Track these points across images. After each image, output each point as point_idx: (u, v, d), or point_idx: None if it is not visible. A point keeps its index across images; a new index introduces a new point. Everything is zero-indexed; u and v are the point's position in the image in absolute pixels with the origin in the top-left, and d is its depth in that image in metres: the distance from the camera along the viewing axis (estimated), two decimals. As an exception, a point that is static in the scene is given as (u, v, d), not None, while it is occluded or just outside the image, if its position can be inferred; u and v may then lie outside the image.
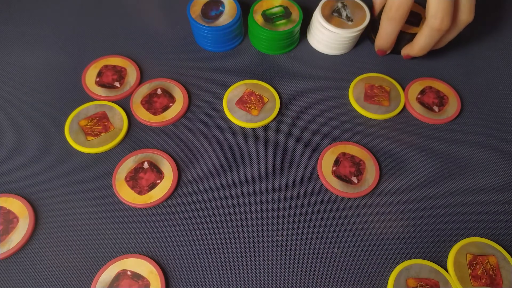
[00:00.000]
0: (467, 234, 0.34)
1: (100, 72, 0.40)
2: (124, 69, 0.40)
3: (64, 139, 0.37)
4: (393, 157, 0.38)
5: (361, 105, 0.40)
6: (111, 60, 0.41)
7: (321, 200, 0.35)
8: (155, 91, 0.39)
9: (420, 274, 0.32)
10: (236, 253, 0.33)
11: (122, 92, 0.39)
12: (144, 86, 0.39)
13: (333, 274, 0.32)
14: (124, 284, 0.30)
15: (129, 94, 0.39)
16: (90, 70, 0.40)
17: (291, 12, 0.42)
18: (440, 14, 0.35)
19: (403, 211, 0.35)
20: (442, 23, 0.35)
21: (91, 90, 0.39)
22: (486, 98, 0.42)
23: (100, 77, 0.40)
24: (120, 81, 0.39)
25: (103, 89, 0.39)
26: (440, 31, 0.36)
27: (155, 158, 0.36)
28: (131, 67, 0.41)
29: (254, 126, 0.38)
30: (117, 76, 0.40)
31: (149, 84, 0.40)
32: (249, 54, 0.43)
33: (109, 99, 0.39)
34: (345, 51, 0.44)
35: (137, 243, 0.33)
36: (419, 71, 0.43)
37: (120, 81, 0.40)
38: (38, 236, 0.32)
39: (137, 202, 0.34)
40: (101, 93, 0.39)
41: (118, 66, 0.40)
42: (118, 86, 0.39)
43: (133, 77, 0.40)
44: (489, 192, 0.36)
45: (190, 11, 0.41)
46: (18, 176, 0.35)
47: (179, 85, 0.40)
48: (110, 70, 0.40)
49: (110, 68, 0.40)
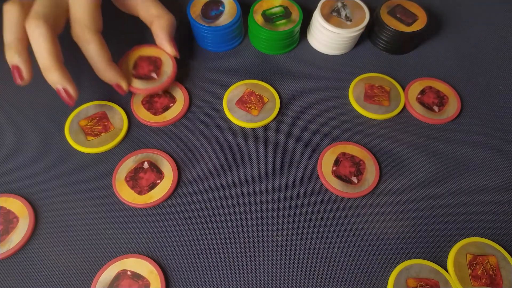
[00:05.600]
0: (467, 234, 0.34)
1: (136, 64, 0.38)
2: (159, 59, 0.39)
3: (64, 139, 0.37)
4: (393, 157, 0.38)
5: (361, 105, 0.40)
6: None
7: (321, 200, 0.35)
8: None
9: (420, 274, 0.32)
10: (236, 253, 0.33)
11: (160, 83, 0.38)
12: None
13: (333, 274, 0.32)
14: (124, 284, 0.30)
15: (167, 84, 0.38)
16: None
17: (291, 12, 0.42)
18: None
19: (403, 211, 0.35)
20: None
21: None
22: (486, 98, 0.42)
23: (136, 69, 0.38)
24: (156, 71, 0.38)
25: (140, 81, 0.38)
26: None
27: (155, 158, 0.36)
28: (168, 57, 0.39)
29: (254, 126, 0.38)
30: (153, 67, 0.38)
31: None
32: (249, 54, 0.43)
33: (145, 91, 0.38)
34: (345, 51, 0.44)
35: (137, 243, 0.33)
36: (419, 71, 0.43)
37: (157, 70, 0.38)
38: (38, 236, 0.32)
39: (137, 202, 0.34)
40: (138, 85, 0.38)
41: (152, 57, 0.39)
42: (156, 77, 0.38)
43: (169, 67, 0.39)
44: (489, 192, 0.36)
45: (190, 11, 0.41)
46: (18, 176, 0.35)
47: (179, 85, 0.40)
48: (144, 60, 0.38)
49: (145, 59, 0.39)
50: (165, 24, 0.38)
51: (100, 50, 0.34)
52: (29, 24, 0.31)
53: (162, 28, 0.37)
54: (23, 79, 0.33)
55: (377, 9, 0.43)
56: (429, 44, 0.45)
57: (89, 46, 0.33)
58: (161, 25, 0.37)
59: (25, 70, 0.32)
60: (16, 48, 0.32)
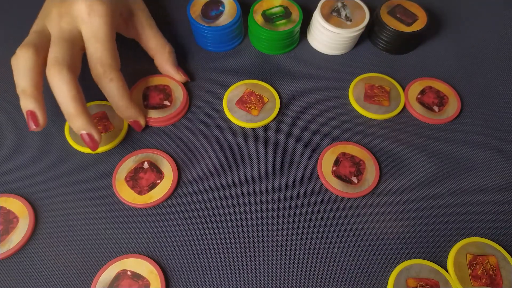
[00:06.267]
0: (467, 234, 0.34)
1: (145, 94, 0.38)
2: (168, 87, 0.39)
3: (64, 139, 0.37)
4: (393, 157, 0.38)
5: (361, 105, 0.40)
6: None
7: (321, 200, 0.35)
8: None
9: (420, 274, 0.32)
10: (236, 253, 0.33)
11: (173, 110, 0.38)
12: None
13: (333, 274, 0.32)
14: (124, 284, 0.30)
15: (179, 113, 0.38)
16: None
17: (291, 12, 0.42)
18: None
19: (403, 211, 0.35)
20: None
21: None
22: (486, 98, 0.42)
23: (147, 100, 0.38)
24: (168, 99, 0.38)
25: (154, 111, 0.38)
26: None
27: (155, 158, 0.36)
28: (175, 84, 0.39)
29: (254, 126, 0.38)
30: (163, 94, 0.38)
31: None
32: (249, 54, 0.43)
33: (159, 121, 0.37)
34: (345, 51, 0.44)
35: (137, 243, 0.33)
36: (419, 71, 0.43)
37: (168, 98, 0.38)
38: (38, 236, 0.32)
39: (137, 202, 0.34)
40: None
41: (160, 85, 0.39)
42: (168, 104, 0.38)
43: (179, 93, 0.39)
44: (489, 192, 0.36)
45: (190, 11, 0.41)
46: (18, 176, 0.35)
47: (180, 84, 0.40)
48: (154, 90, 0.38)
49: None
50: (167, 57, 0.38)
51: (122, 88, 0.34)
52: (52, 73, 0.30)
53: (166, 60, 0.38)
54: (39, 125, 0.31)
55: (377, 9, 0.43)
56: (429, 44, 0.45)
57: (112, 84, 0.33)
58: (164, 58, 0.38)
59: (41, 116, 0.31)
60: (32, 94, 0.31)
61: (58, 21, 0.33)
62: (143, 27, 0.38)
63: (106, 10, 0.32)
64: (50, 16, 0.33)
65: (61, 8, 0.33)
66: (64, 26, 0.32)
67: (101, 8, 0.32)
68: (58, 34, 0.32)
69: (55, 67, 0.30)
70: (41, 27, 0.33)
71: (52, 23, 0.33)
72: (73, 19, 0.32)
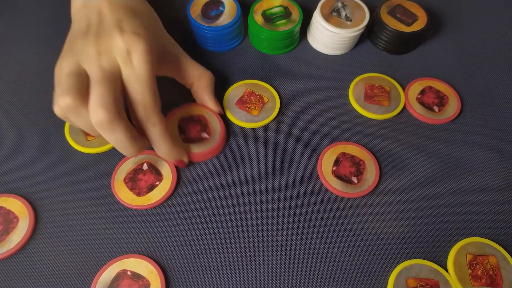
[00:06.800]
0: (467, 234, 0.34)
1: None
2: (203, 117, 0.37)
3: (64, 139, 0.37)
4: (393, 157, 0.38)
5: (361, 105, 0.40)
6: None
7: (321, 200, 0.35)
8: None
9: (420, 274, 0.32)
10: (236, 253, 0.33)
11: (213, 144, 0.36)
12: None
13: (333, 274, 0.32)
14: (124, 284, 0.30)
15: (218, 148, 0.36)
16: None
17: (291, 12, 0.42)
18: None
19: (403, 211, 0.35)
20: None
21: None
22: (486, 98, 0.42)
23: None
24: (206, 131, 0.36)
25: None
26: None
27: (154, 159, 0.36)
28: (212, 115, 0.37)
29: (254, 126, 0.38)
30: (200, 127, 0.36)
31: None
32: (249, 54, 0.43)
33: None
34: (345, 51, 0.44)
35: (137, 243, 0.33)
36: (419, 71, 0.43)
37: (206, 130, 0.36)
38: (38, 236, 0.32)
39: (136, 204, 0.34)
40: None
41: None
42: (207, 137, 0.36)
43: (216, 124, 0.37)
44: (489, 192, 0.36)
45: (190, 11, 0.41)
46: (18, 176, 0.35)
47: (215, 114, 0.38)
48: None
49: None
50: (207, 84, 0.37)
51: (165, 132, 0.32)
52: (104, 130, 0.28)
53: (204, 88, 0.36)
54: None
55: (377, 9, 0.43)
56: (429, 44, 0.45)
57: (155, 129, 0.31)
58: (203, 85, 0.36)
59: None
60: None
61: (98, 60, 0.29)
62: (179, 58, 0.36)
63: (146, 47, 0.30)
64: (87, 54, 0.29)
65: (99, 46, 0.29)
66: (105, 66, 0.29)
67: (141, 46, 0.29)
68: (100, 74, 0.29)
69: (106, 125, 0.28)
70: (76, 67, 0.29)
71: (90, 62, 0.29)
72: (113, 58, 0.29)
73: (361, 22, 0.41)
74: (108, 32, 0.30)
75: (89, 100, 0.28)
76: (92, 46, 0.29)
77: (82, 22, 0.32)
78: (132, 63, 0.29)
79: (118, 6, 0.32)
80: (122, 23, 0.30)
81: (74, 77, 0.29)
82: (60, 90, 0.28)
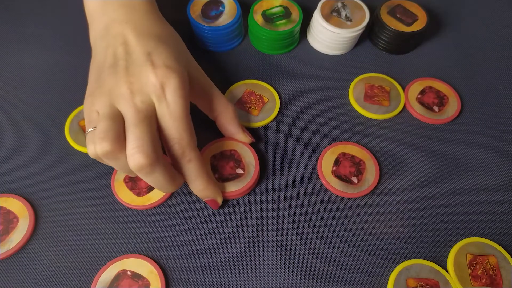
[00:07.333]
0: (467, 234, 0.34)
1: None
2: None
3: (64, 139, 0.37)
4: (393, 157, 0.38)
5: (361, 105, 0.40)
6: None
7: (321, 200, 0.35)
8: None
9: (420, 274, 0.32)
10: (236, 253, 0.33)
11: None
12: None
13: (333, 274, 0.32)
14: (124, 284, 0.30)
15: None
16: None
17: (291, 12, 0.42)
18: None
19: (403, 211, 0.35)
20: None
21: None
22: (486, 98, 0.42)
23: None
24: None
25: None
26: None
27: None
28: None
29: (254, 126, 0.38)
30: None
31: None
32: (249, 54, 0.43)
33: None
34: (345, 51, 0.44)
35: (137, 243, 0.33)
36: (419, 71, 0.43)
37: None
38: (38, 236, 0.32)
39: (136, 204, 0.34)
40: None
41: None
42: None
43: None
44: (489, 192, 0.36)
45: (190, 11, 0.41)
46: (18, 176, 0.35)
47: (247, 146, 0.37)
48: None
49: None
50: (231, 116, 0.35)
51: (200, 168, 0.31)
52: (143, 172, 0.28)
53: (230, 120, 0.35)
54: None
55: (377, 9, 0.43)
56: (429, 44, 0.45)
57: (190, 165, 0.30)
58: (228, 118, 0.35)
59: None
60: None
61: (132, 100, 0.28)
62: (206, 88, 0.34)
63: (179, 81, 0.29)
64: (120, 94, 0.28)
65: (131, 84, 0.28)
66: (140, 105, 0.28)
67: (174, 81, 0.28)
68: (135, 116, 0.28)
69: (145, 169, 0.27)
70: (110, 109, 0.28)
71: (125, 103, 0.28)
72: (147, 96, 0.28)
73: (361, 22, 0.41)
74: (139, 68, 0.29)
75: (127, 144, 0.27)
76: (124, 84, 0.28)
77: (107, 53, 0.30)
78: (166, 99, 0.28)
79: (144, 35, 0.30)
80: (152, 56, 0.29)
81: (110, 120, 0.27)
82: (97, 135, 0.27)
